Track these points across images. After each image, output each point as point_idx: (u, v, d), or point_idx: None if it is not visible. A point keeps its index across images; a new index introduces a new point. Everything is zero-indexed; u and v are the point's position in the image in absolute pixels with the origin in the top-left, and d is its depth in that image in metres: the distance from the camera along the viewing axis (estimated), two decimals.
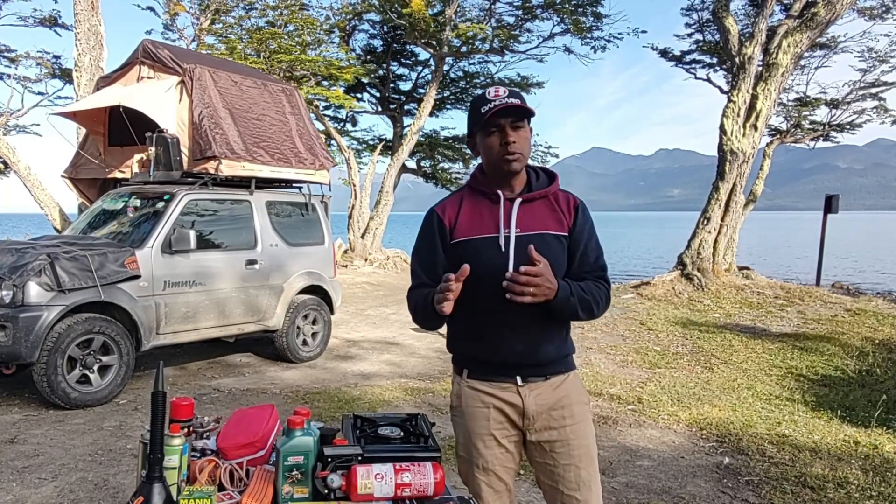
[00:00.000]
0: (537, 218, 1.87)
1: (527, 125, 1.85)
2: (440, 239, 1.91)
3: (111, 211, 6.15)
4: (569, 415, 1.88)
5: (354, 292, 12.43)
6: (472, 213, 1.89)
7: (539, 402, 1.87)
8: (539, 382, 1.87)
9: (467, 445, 1.94)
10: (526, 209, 1.87)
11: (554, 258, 1.81)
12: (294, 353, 6.58)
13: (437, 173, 20.35)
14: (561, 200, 1.92)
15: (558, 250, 1.85)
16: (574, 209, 1.91)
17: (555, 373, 1.90)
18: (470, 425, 1.92)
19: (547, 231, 1.86)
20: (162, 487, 1.42)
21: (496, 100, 1.80)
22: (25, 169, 9.80)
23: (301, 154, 7.00)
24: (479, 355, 1.91)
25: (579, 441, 1.88)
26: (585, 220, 1.92)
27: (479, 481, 1.91)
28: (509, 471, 1.93)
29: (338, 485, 1.54)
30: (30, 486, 3.48)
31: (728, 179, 12.19)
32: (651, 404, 5.38)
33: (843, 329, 9.12)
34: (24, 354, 4.54)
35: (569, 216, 1.90)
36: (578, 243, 1.89)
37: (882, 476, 3.87)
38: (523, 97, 1.85)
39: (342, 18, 17.30)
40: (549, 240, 1.84)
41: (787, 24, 12.14)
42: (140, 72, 6.59)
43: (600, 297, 1.86)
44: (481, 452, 1.90)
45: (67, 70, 15.34)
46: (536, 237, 1.82)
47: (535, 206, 1.88)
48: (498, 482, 1.91)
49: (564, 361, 1.92)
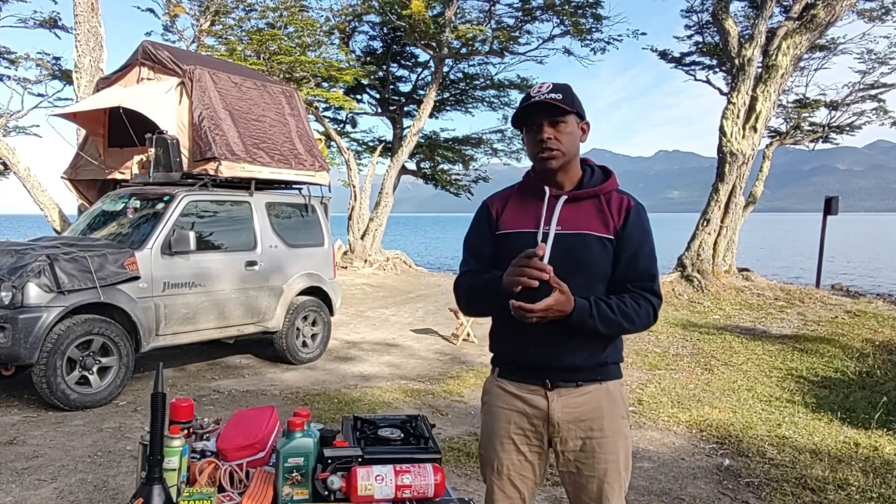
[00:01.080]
0: (581, 217, 1.80)
1: (571, 120, 1.78)
2: (488, 229, 1.91)
3: (111, 212, 6.15)
4: (598, 427, 1.80)
5: (354, 294, 12.42)
6: (519, 208, 1.88)
7: (567, 410, 1.80)
8: (570, 389, 1.80)
9: (486, 444, 1.92)
10: (571, 207, 1.81)
11: (592, 260, 1.76)
12: (294, 355, 6.57)
13: (437, 175, 20.34)
14: (613, 201, 1.82)
15: (598, 253, 1.77)
16: (626, 212, 1.80)
17: (587, 380, 1.80)
18: (491, 424, 1.90)
19: (589, 231, 1.78)
20: (162, 489, 1.42)
21: (537, 95, 1.77)
22: (25, 170, 9.81)
23: (301, 155, 7.00)
24: (510, 355, 1.89)
25: (606, 456, 1.80)
26: (638, 226, 1.80)
27: (491, 483, 1.89)
28: (526, 480, 1.86)
29: (338, 486, 1.54)
30: (29, 488, 3.47)
31: (728, 181, 12.20)
32: (651, 406, 5.38)
33: (843, 331, 9.12)
34: (24, 356, 4.53)
35: (618, 218, 1.80)
36: (625, 249, 1.79)
37: (882, 478, 3.86)
38: (569, 92, 1.79)
39: (342, 20, 17.32)
40: (590, 240, 1.77)
41: (786, 25, 12.15)
42: (140, 73, 6.59)
43: (637, 313, 1.76)
44: (498, 454, 1.86)
45: (67, 71, 15.34)
46: (576, 237, 1.77)
47: (582, 205, 1.82)
48: (511, 489, 1.86)
49: (599, 369, 1.82)
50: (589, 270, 1.77)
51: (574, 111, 1.78)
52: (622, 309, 1.74)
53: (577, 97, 1.82)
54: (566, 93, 1.78)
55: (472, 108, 20.01)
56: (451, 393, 5.67)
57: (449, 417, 4.97)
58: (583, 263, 1.76)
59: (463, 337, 8.08)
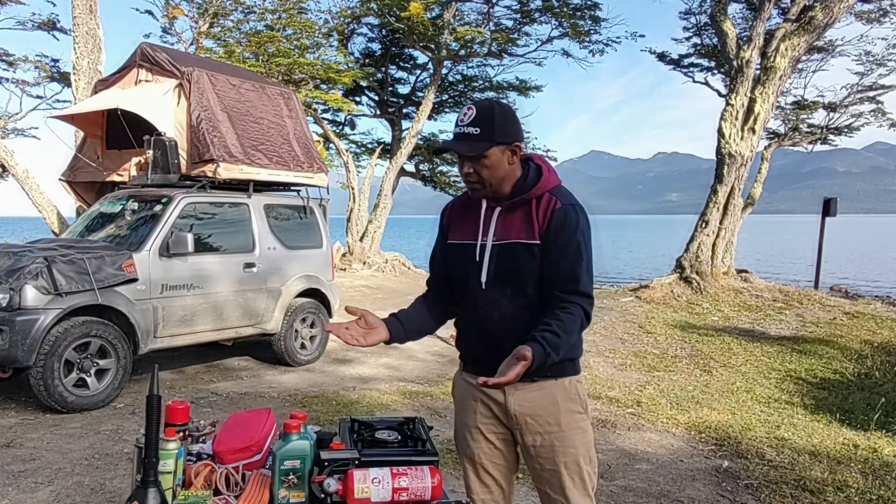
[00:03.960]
0: (513, 226, 1.80)
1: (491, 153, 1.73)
2: (441, 236, 2.00)
3: (109, 214, 6.14)
4: (555, 421, 1.84)
5: (353, 296, 12.41)
6: (464, 217, 1.93)
7: (523, 404, 1.85)
8: (525, 384, 1.80)
9: (458, 435, 2.01)
10: (506, 216, 1.83)
11: (521, 269, 1.78)
12: (292, 357, 6.56)
13: (436, 177, 20.35)
14: (541, 205, 1.78)
15: (526, 260, 1.77)
16: (551, 213, 1.76)
17: (542, 376, 1.82)
18: (460, 415, 2.01)
19: (518, 240, 1.78)
20: (157, 492, 1.41)
21: (459, 126, 1.76)
22: (23, 172, 9.78)
23: (299, 157, 7.00)
24: (469, 352, 1.98)
25: (565, 449, 1.84)
26: (562, 227, 1.75)
27: (467, 470, 1.99)
28: (499, 467, 1.95)
29: (334, 489, 1.54)
30: (26, 491, 3.46)
31: (726, 183, 12.21)
32: (650, 408, 5.37)
33: (841, 332, 9.12)
34: (21, 358, 4.51)
35: (542, 222, 1.76)
36: (549, 251, 1.76)
37: (881, 479, 3.86)
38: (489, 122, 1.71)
39: (341, 22, 17.33)
40: (518, 249, 1.78)
41: (784, 27, 12.17)
42: (138, 75, 6.58)
43: (573, 322, 1.72)
44: (468, 443, 1.96)
45: (65, 73, 15.33)
46: (507, 247, 1.80)
47: (516, 213, 1.82)
48: (486, 475, 1.95)
49: (554, 366, 1.78)
50: (521, 278, 1.80)
51: (493, 143, 1.72)
52: (562, 327, 1.70)
53: (501, 123, 1.73)
54: (485, 124, 1.72)
55: None
56: (449, 395, 5.62)
57: (447, 419, 4.96)
58: (514, 272, 1.80)
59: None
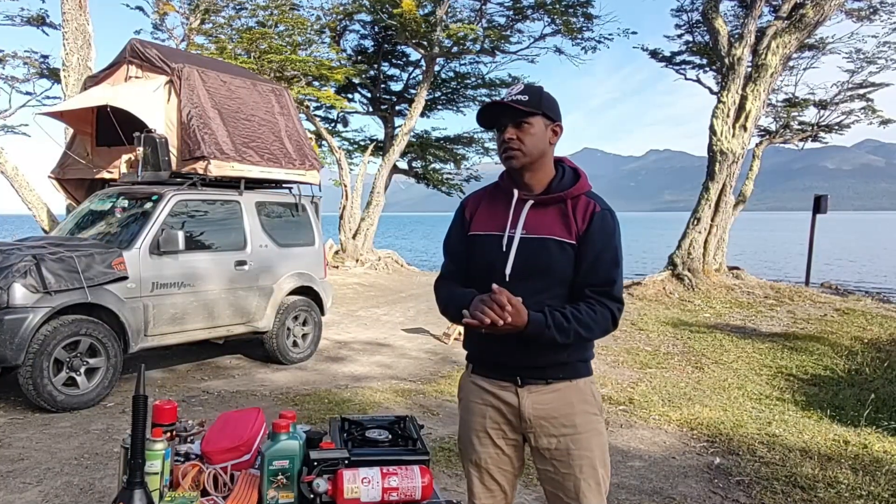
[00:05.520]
0: (546, 221, 1.82)
1: (536, 122, 1.79)
2: (462, 229, 1.97)
3: (99, 212, 6.08)
4: (570, 424, 1.82)
5: (345, 293, 12.38)
6: (490, 209, 1.92)
7: (537, 407, 1.82)
8: (539, 386, 1.82)
9: (464, 439, 1.97)
10: (537, 211, 1.84)
11: (552, 264, 1.78)
12: (284, 355, 6.53)
13: (429, 174, 20.33)
14: (579, 206, 1.83)
15: (559, 257, 1.79)
16: (590, 217, 1.80)
17: (557, 378, 1.82)
18: (467, 419, 1.96)
19: (552, 236, 1.80)
20: (143, 493, 1.39)
21: (507, 97, 1.80)
22: (13, 169, 9.70)
23: (290, 154, 6.96)
24: (482, 353, 1.94)
25: (580, 452, 1.81)
26: (601, 231, 1.80)
27: (471, 475, 1.94)
28: (505, 473, 1.91)
29: (324, 489, 1.52)
30: (14, 491, 3.43)
31: (718, 180, 12.25)
32: (642, 405, 5.38)
33: (832, 329, 9.17)
34: (10, 357, 4.47)
35: (581, 223, 1.80)
36: (587, 253, 1.79)
37: (872, 475, 3.88)
38: (537, 94, 1.80)
39: (333, 19, 17.26)
40: (551, 245, 1.79)
41: (775, 25, 12.20)
42: (128, 71, 6.52)
43: (594, 320, 1.75)
44: (475, 448, 1.91)
45: (55, 70, 15.17)
46: (538, 241, 1.80)
47: (548, 210, 1.84)
48: (490, 481, 1.91)
49: (568, 367, 1.84)
50: (548, 274, 1.79)
51: (540, 112, 1.79)
52: (577, 317, 1.73)
53: (549, 99, 1.82)
54: (534, 95, 1.79)
55: (463, 107, 20.01)
56: (443, 393, 5.65)
57: (440, 417, 4.96)
58: (543, 267, 1.79)
59: (454, 336, 8.07)
